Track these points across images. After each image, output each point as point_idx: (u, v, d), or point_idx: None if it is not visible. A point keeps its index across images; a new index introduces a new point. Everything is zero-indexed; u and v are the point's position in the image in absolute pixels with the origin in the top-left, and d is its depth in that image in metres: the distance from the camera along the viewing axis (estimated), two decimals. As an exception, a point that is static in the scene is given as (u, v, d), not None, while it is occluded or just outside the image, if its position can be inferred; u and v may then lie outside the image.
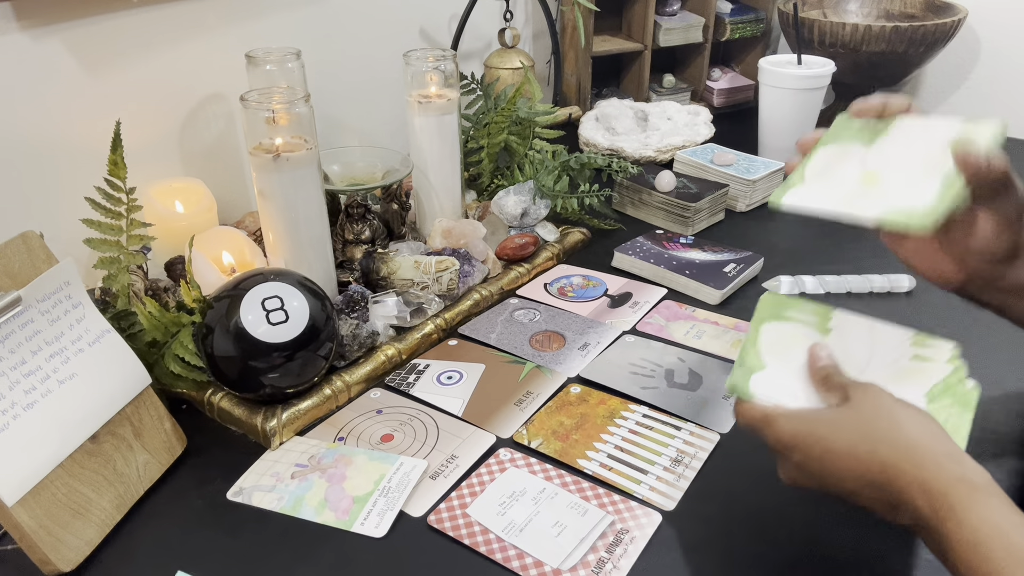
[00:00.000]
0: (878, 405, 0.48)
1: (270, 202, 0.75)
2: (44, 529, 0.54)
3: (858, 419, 0.48)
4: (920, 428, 0.47)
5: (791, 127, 1.20)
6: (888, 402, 0.48)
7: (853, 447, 0.47)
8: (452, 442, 0.67)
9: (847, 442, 0.47)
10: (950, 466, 0.44)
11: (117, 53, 0.83)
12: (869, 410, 0.48)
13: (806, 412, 0.50)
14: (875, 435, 0.47)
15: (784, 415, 0.50)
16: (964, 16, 1.24)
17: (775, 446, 0.51)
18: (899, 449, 0.46)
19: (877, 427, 0.47)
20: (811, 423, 0.49)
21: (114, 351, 0.62)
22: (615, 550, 0.56)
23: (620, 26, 1.43)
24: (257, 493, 0.62)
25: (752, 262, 0.91)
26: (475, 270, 0.87)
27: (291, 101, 0.72)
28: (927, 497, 0.44)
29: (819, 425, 0.49)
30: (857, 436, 0.47)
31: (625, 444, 0.66)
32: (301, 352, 0.66)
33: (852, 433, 0.47)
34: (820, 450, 0.48)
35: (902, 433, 0.46)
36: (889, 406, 0.48)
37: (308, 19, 1.02)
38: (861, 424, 0.48)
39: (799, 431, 0.49)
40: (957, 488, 0.43)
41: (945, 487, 0.43)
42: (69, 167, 0.81)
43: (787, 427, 0.50)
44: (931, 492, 0.44)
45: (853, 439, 0.47)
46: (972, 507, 0.42)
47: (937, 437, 0.46)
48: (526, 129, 1.05)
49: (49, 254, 0.60)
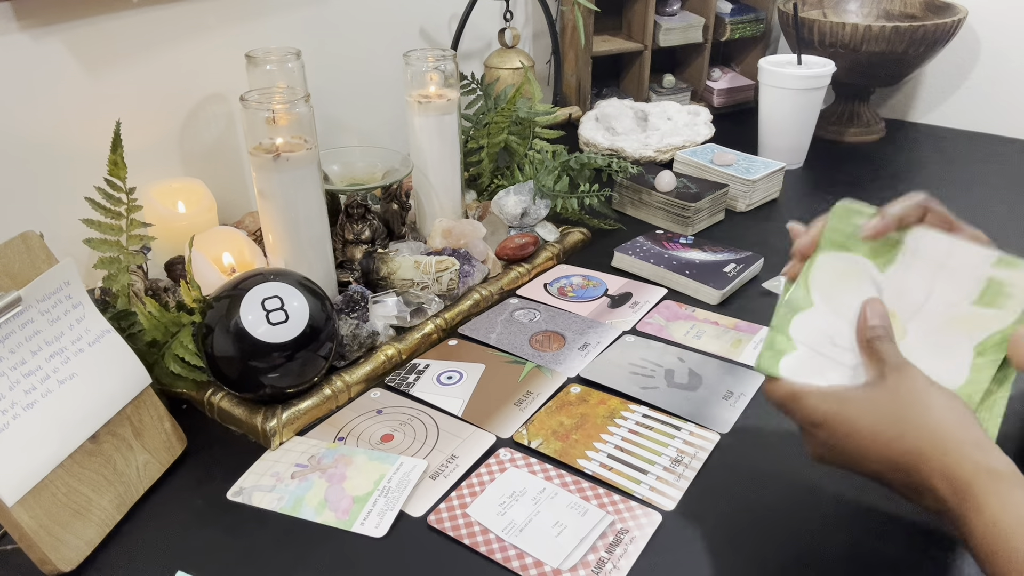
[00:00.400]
0: (910, 389, 0.48)
1: (270, 202, 0.75)
2: (44, 529, 0.54)
3: (888, 401, 0.48)
4: (949, 414, 0.46)
5: (791, 127, 1.20)
6: (921, 385, 0.48)
7: (880, 430, 0.47)
8: (452, 442, 0.67)
9: (874, 424, 0.47)
10: (975, 454, 0.44)
11: (117, 53, 0.83)
12: (902, 392, 0.48)
13: (836, 391, 0.50)
14: (903, 419, 0.47)
15: (814, 393, 0.50)
16: (964, 16, 1.24)
17: (803, 423, 0.51)
18: (925, 435, 0.46)
19: (906, 411, 0.47)
20: (840, 402, 0.49)
21: (114, 351, 0.62)
22: (615, 550, 0.56)
23: (620, 26, 1.43)
24: (257, 493, 0.62)
25: (752, 262, 0.91)
26: (475, 270, 0.87)
27: (291, 101, 0.72)
28: (950, 484, 0.44)
29: (848, 405, 0.49)
30: (885, 419, 0.47)
31: (625, 444, 0.66)
32: (301, 352, 0.66)
33: (880, 416, 0.47)
34: (846, 430, 0.48)
35: (930, 418, 0.46)
36: (921, 390, 0.48)
37: (308, 19, 1.02)
38: (890, 407, 0.48)
39: (828, 410, 0.49)
40: (981, 477, 0.43)
41: (969, 476, 0.43)
42: (69, 167, 0.81)
43: (816, 405, 0.50)
44: (954, 480, 0.44)
45: (881, 422, 0.47)
46: (994, 496, 0.42)
47: (965, 424, 0.46)
48: (526, 129, 1.05)
49: (49, 254, 0.60)
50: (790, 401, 0.52)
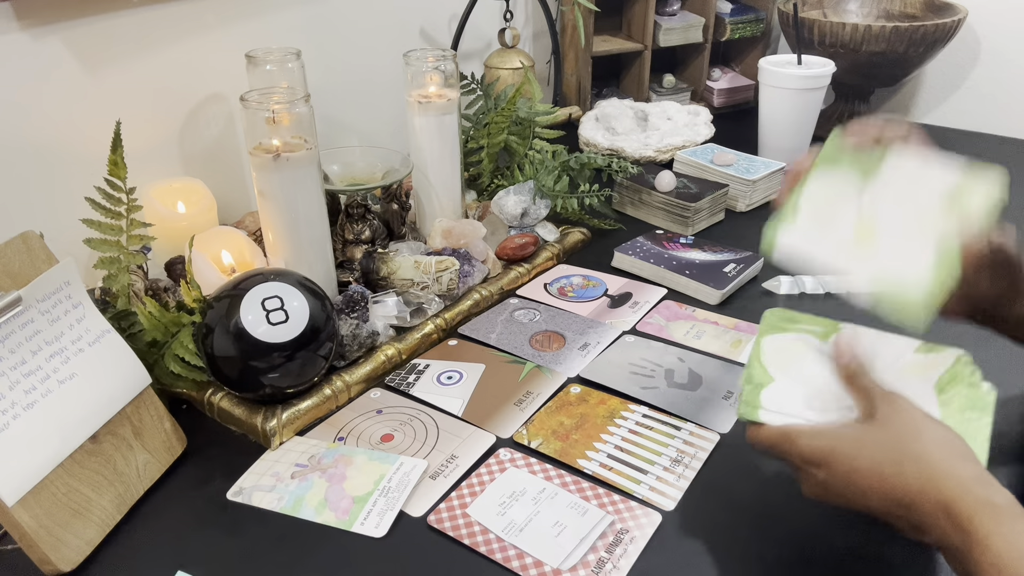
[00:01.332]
0: (904, 421, 0.48)
1: (270, 202, 0.75)
2: (44, 529, 0.54)
3: (884, 437, 0.47)
4: (946, 448, 0.46)
5: (791, 127, 1.20)
6: (916, 418, 0.48)
7: (879, 466, 0.46)
8: (452, 442, 0.67)
9: (872, 461, 0.47)
10: (976, 489, 0.44)
11: (117, 53, 0.83)
12: (895, 427, 0.47)
13: (829, 428, 0.50)
14: (901, 456, 0.46)
15: (806, 432, 0.50)
16: (964, 16, 1.24)
17: (798, 463, 0.50)
18: (924, 470, 0.45)
19: (903, 445, 0.46)
20: (835, 440, 0.49)
21: (114, 351, 0.62)
22: (615, 550, 0.56)
23: (620, 26, 1.43)
24: (257, 493, 0.62)
25: (752, 262, 0.91)
26: (475, 270, 0.87)
27: (291, 101, 0.72)
28: (952, 520, 0.43)
29: (843, 442, 0.48)
30: (883, 455, 0.47)
31: (625, 444, 0.66)
32: (301, 352, 0.66)
33: (878, 452, 0.47)
34: (845, 468, 0.47)
35: (928, 454, 0.46)
36: (916, 423, 0.47)
37: (308, 19, 1.02)
38: (887, 442, 0.47)
39: (823, 448, 0.49)
40: (983, 513, 0.43)
41: (971, 511, 0.43)
42: (69, 167, 0.81)
43: (811, 444, 0.49)
44: (956, 515, 0.43)
45: (878, 458, 0.47)
46: (998, 531, 0.42)
47: (963, 458, 0.46)
48: (526, 129, 1.05)
49: (49, 254, 0.60)
50: (782, 443, 0.51)
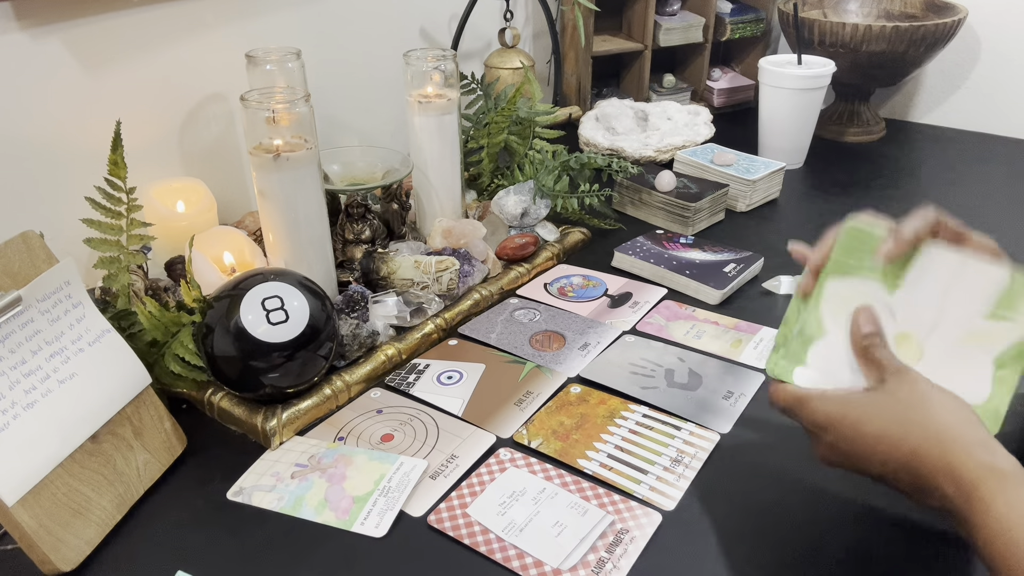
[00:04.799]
0: (912, 390, 0.49)
1: (270, 202, 0.75)
2: (44, 529, 0.54)
3: (891, 403, 0.49)
4: (952, 415, 0.47)
5: (791, 127, 1.20)
6: (923, 387, 0.49)
7: (884, 431, 0.48)
8: (452, 442, 0.67)
9: (879, 425, 0.48)
10: (980, 454, 0.44)
11: (117, 53, 0.83)
12: (903, 395, 0.49)
13: (840, 394, 0.51)
14: (907, 420, 0.47)
15: (818, 396, 0.51)
16: (964, 16, 1.24)
17: (808, 427, 0.52)
18: (930, 435, 0.46)
19: (909, 412, 0.48)
20: (844, 405, 0.50)
21: (114, 351, 0.62)
22: (615, 550, 0.56)
23: (620, 26, 1.43)
24: (257, 493, 0.62)
25: (752, 262, 0.91)
26: (475, 270, 0.87)
27: (291, 101, 0.72)
28: (956, 484, 0.44)
29: (852, 407, 0.50)
30: (889, 420, 0.48)
31: (625, 444, 0.66)
32: (301, 352, 0.66)
33: (884, 417, 0.48)
34: (852, 432, 0.49)
35: (934, 419, 0.47)
36: (923, 391, 0.48)
37: (308, 18, 1.02)
38: (894, 408, 0.48)
39: (832, 412, 0.50)
40: (986, 477, 0.43)
41: (974, 475, 0.44)
42: (69, 167, 0.81)
43: (820, 408, 0.51)
44: (960, 479, 0.44)
45: (885, 423, 0.48)
46: (1000, 495, 0.43)
47: (969, 424, 0.47)
48: (526, 129, 1.05)
49: (49, 254, 0.60)
50: (795, 405, 0.53)
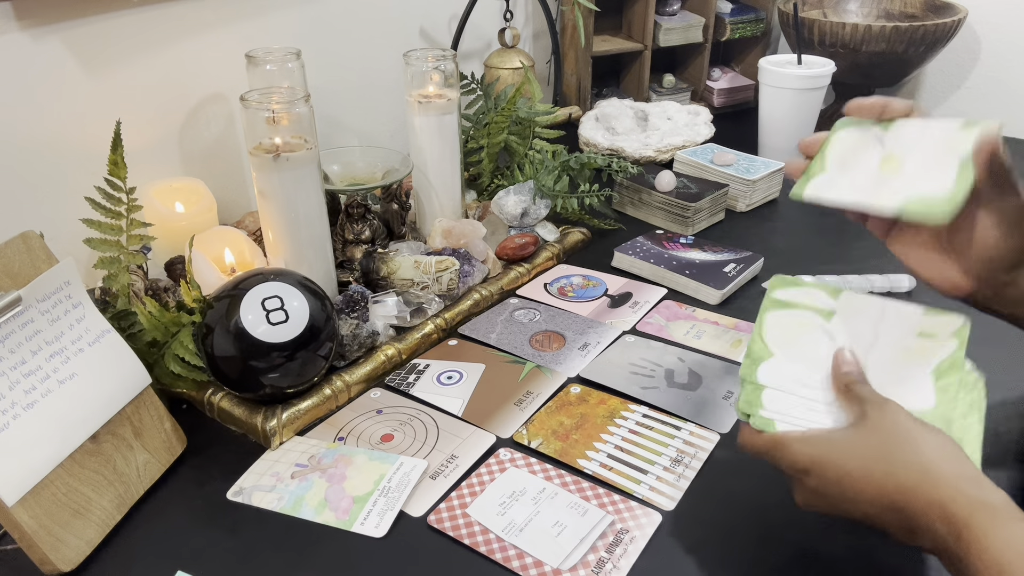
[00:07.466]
0: (895, 424, 0.47)
1: (270, 202, 0.75)
2: (44, 529, 0.54)
3: (874, 440, 0.47)
4: (938, 450, 0.46)
5: (791, 127, 1.20)
6: (905, 422, 0.47)
7: (869, 470, 0.46)
8: (452, 442, 0.67)
9: (863, 465, 0.46)
10: (969, 490, 0.43)
11: (117, 53, 0.83)
12: (885, 431, 0.47)
13: (820, 434, 0.50)
14: (892, 457, 0.46)
15: (797, 438, 0.49)
16: (964, 16, 1.24)
17: (789, 471, 0.50)
18: (916, 472, 0.45)
19: (894, 449, 0.46)
20: (826, 445, 0.48)
21: (114, 351, 0.62)
22: (615, 550, 0.56)
23: (620, 26, 1.43)
24: (257, 493, 0.62)
25: (752, 262, 0.91)
26: (475, 270, 0.87)
27: (291, 101, 0.72)
28: (947, 522, 0.43)
29: (834, 447, 0.48)
30: (873, 458, 0.46)
31: (625, 444, 0.66)
32: (301, 352, 0.66)
33: (868, 455, 0.47)
34: (836, 474, 0.47)
35: (919, 455, 0.45)
36: (906, 427, 0.47)
37: (308, 19, 1.02)
38: (877, 446, 0.47)
39: (814, 454, 0.48)
40: (978, 513, 0.42)
41: (966, 512, 0.42)
42: (69, 167, 0.81)
43: (801, 451, 0.49)
44: (951, 517, 0.43)
45: (869, 462, 0.46)
46: (995, 532, 0.41)
47: (955, 458, 0.45)
48: (526, 129, 1.05)
49: (49, 254, 0.60)
50: (774, 450, 0.51)
